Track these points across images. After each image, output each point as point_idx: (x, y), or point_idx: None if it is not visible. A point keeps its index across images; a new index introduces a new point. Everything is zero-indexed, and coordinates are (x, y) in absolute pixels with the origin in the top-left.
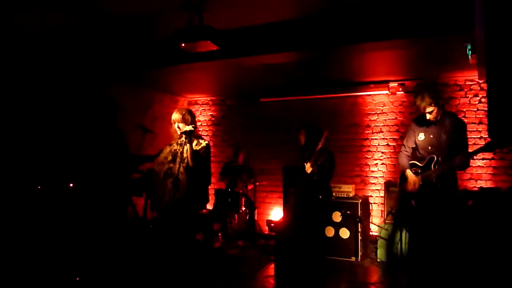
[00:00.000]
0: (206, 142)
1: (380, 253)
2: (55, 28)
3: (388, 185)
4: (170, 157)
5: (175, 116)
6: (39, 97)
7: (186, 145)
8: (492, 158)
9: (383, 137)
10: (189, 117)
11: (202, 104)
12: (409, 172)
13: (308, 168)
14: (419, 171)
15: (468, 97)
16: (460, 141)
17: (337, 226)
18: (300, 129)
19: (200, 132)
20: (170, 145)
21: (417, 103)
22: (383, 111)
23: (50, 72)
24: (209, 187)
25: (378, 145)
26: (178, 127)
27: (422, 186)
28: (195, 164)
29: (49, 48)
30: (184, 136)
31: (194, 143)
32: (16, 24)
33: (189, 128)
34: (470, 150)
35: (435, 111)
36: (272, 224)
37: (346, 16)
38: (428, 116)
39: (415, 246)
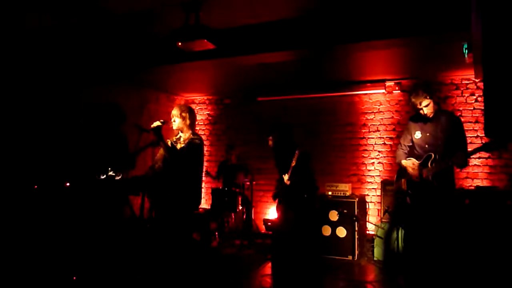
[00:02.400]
0: (197, 140)
1: (377, 252)
2: (52, 27)
3: (384, 184)
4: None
5: (174, 111)
6: (35, 96)
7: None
8: (489, 157)
9: (379, 136)
10: (186, 114)
11: (199, 103)
12: (404, 161)
13: (287, 181)
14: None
15: (464, 96)
16: (457, 138)
17: (334, 225)
18: (268, 136)
19: (196, 131)
20: None
21: (412, 100)
22: (380, 110)
23: (47, 71)
24: (207, 186)
25: (375, 144)
26: (174, 121)
27: (417, 183)
28: (175, 161)
29: (47, 47)
30: (153, 133)
31: (187, 141)
32: (14, 22)
33: (156, 124)
34: (467, 147)
35: (431, 105)
36: (269, 223)
37: (343, 15)
38: (425, 111)
39: (411, 244)
